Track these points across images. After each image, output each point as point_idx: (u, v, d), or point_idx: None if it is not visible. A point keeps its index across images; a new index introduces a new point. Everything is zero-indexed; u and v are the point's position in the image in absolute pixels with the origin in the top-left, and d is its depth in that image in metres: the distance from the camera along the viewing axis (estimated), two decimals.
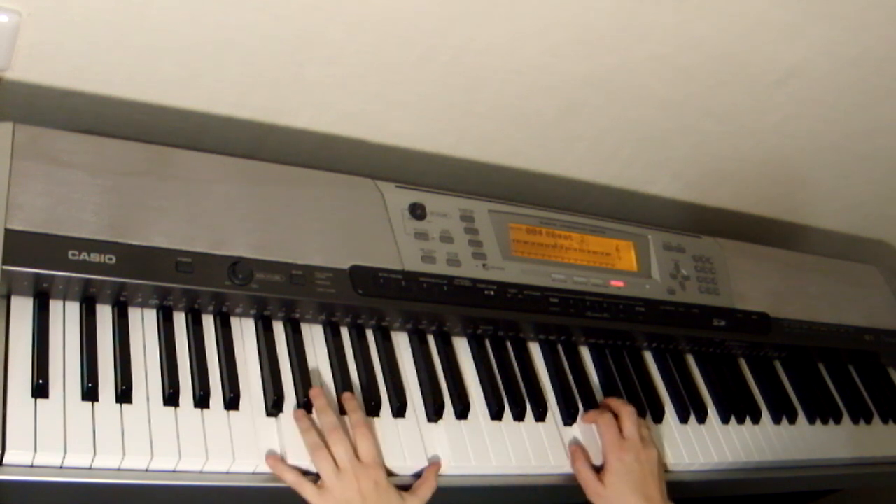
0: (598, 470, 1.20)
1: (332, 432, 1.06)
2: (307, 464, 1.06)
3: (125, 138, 1.13)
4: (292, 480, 1.03)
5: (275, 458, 1.04)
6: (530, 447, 1.21)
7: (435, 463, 1.13)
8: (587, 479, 1.18)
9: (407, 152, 1.44)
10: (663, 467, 1.24)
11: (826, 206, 1.80)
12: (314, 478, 1.04)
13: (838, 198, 1.77)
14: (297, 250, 1.14)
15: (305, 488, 1.03)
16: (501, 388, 1.25)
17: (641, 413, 1.32)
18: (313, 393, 1.10)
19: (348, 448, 1.05)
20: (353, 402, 1.12)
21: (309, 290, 1.13)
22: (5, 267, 0.98)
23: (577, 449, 1.22)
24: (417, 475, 1.12)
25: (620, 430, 1.22)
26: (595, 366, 1.37)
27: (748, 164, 1.62)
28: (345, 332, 1.21)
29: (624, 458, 1.18)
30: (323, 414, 1.08)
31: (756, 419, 1.43)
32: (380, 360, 1.20)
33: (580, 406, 1.29)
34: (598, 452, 1.23)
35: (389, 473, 1.09)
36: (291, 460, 1.05)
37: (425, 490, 1.09)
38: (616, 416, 1.24)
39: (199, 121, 1.31)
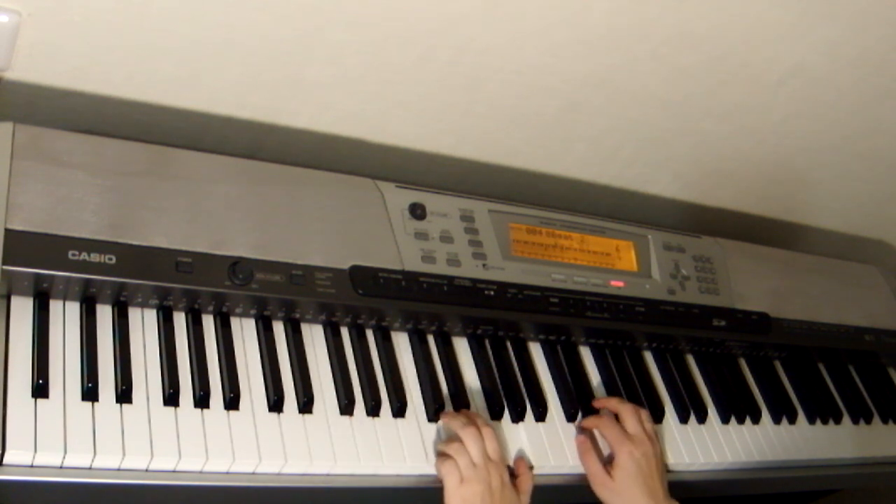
0: (605, 464, 1.22)
1: (468, 431, 1.12)
2: (306, 464, 1.06)
3: (125, 138, 1.13)
4: (441, 467, 1.10)
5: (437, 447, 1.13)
6: (530, 447, 1.21)
7: (521, 458, 1.19)
8: (596, 472, 1.21)
9: (407, 152, 1.44)
10: (665, 464, 1.26)
11: (826, 206, 1.80)
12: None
13: (838, 198, 1.77)
14: (297, 250, 1.14)
15: (452, 477, 1.09)
16: (501, 388, 1.25)
17: None
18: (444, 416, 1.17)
19: (482, 445, 1.11)
20: (474, 413, 1.19)
21: (309, 290, 1.13)
22: (5, 267, 0.97)
23: (585, 441, 1.24)
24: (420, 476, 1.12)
25: (623, 428, 1.23)
26: (595, 366, 1.37)
27: (748, 164, 1.62)
28: (345, 332, 1.20)
29: (633, 452, 1.20)
30: (455, 417, 1.15)
31: (756, 419, 1.43)
32: (380, 360, 1.20)
33: (580, 406, 1.29)
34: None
35: None
36: (291, 460, 1.05)
37: (528, 484, 1.15)
38: (618, 415, 1.25)
39: (199, 121, 1.31)
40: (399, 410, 1.16)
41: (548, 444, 1.23)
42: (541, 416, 1.25)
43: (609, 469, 1.20)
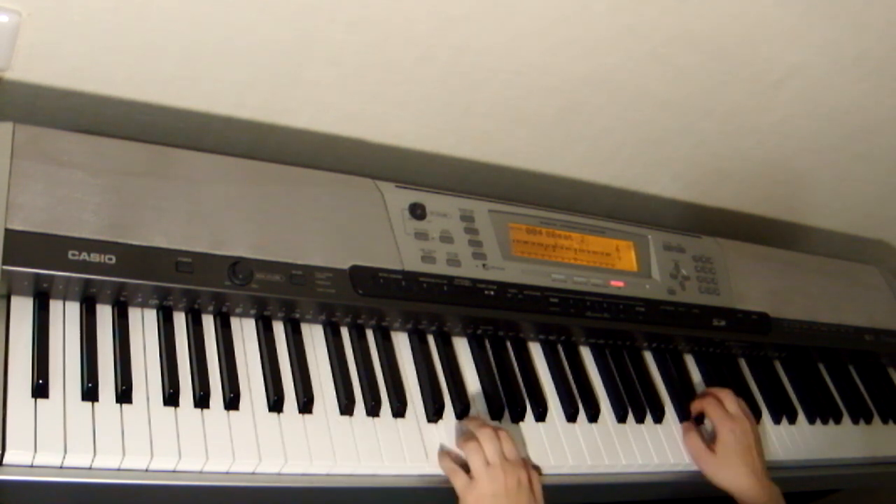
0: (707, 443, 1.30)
1: (483, 431, 1.12)
2: (306, 464, 1.06)
3: (125, 138, 1.13)
4: (447, 467, 1.11)
5: (441, 451, 1.13)
6: (530, 447, 1.21)
7: (527, 460, 1.18)
8: (699, 448, 1.29)
9: (407, 152, 1.44)
10: (761, 442, 1.33)
11: (826, 206, 1.80)
12: (466, 469, 1.11)
13: (838, 198, 1.77)
14: (297, 250, 1.14)
15: (458, 476, 1.09)
16: (501, 388, 1.25)
17: (642, 413, 1.33)
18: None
19: (498, 445, 1.11)
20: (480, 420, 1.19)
21: (309, 290, 1.13)
22: (5, 267, 0.97)
23: (689, 424, 1.33)
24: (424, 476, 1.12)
25: (725, 408, 1.31)
26: (595, 366, 1.37)
27: (748, 164, 1.62)
28: (345, 332, 1.20)
29: (735, 428, 1.28)
30: (471, 419, 1.17)
31: (756, 419, 1.42)
32: (380, 360, 1.20)
33: (580, 406, 1.29)
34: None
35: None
36: (291, 460, 1.05)
37: (537, 488, 1.14)
38: (718, 399, 1.33)
39: (199, 121, 1.31)
40: (399, 410, 1.16)
41: (548, 444, 1.23)
42: (541, 416, 1.25)
43: (712, 447, 1.28)
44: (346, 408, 1.13)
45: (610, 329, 1.35)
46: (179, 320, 1.11)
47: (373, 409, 1.14)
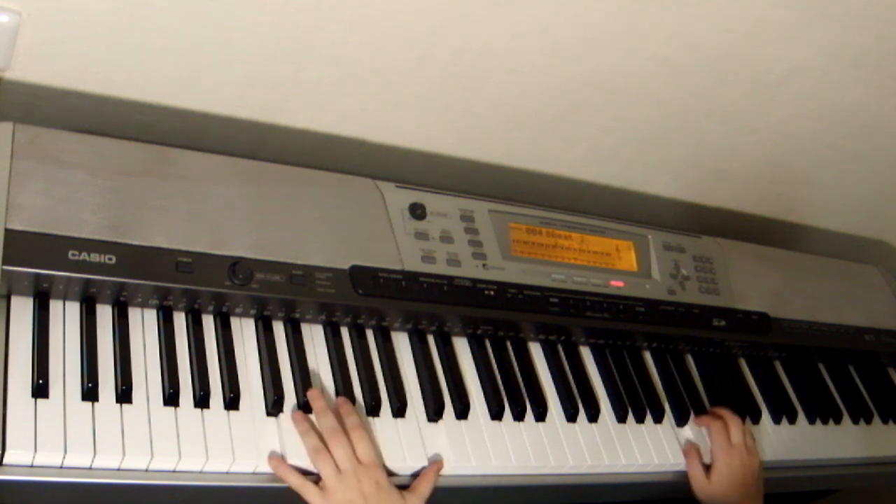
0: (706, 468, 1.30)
1: (332, 434, 1.06)
2: (307, 463, 1.06)
3: (125, 138, 1.13)
4: (295, 482, 1.03)
5: (277, 459, 1.04)
6: (530, 447, 1.21)
7: (437, 462, 1.13)
8: (697, 475, 1.28)
9: (407, 152, 1.44)
10: (763, 476, 1.31)
11: (826, 206, 1.80)
12: (316, 479, 1.05)
13: (838, 198, 1.77)
14: (297, 250, 1.14)
15: (309, 490, 1.03)
16: (501, 388, 1.25)
17: (642, 413, 1.33)
18: (311, 395, 1.10)
19: (348, 450, 1.05)
20: (348, 405, 1.12)
21: (309, 290, 1.13)
22: (5, 267, 0.98)
23: (692, 447, 1.31)
24: (416, 475, 1.12)
25: (728, 437, 1.30)
26: (595, 366, 1.37)
27: (748, 164, 1.62)
28: (345, 332, 1.20)
29: (731, 461, 1.28)
30: (322, 416, 1.09)
31: (756, 419, 1.43)
32: (380, 360, 1.20)
33: (580, 406, 1.29)
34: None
35: (389, 473, 1.09)
36: (291, 460, 1.05)
37: (424, 487, 1.09)
38: (725, 424, 1.32)
39: (199, 121, 1.31)
40: (399, 410, 1.16)
41: (548, 444, 1.23)
42: (541, 416, 1.25)
43: (709, 474, 1.28)
44: None
45: (610, 329, 1.35)
46: (179, 320, 1.11)
47: (373, 409, 1.14)
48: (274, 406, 1.09)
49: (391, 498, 1.05)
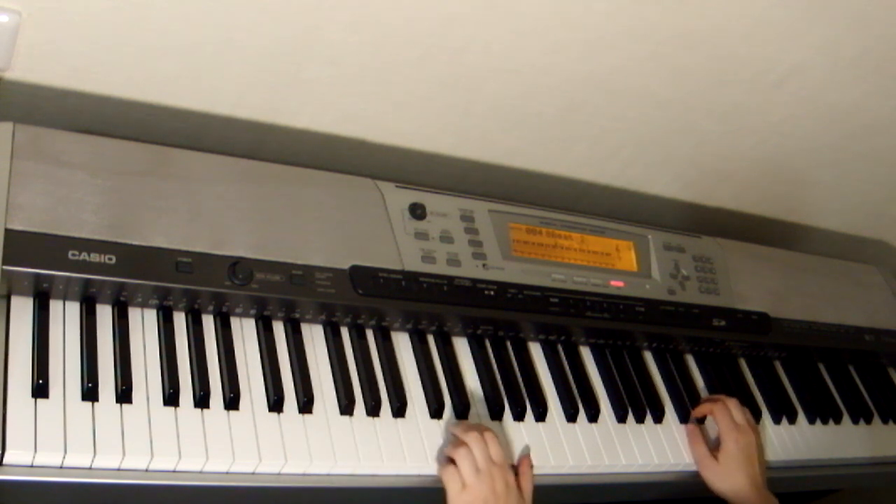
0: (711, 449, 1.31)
1: (470, 435, 1.12)
2: (306, 464, 1.06)
3: (125, 138, 1.13)
4: (445, 472, 1.10)
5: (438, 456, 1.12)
6: (530, 447, 1.21)
7: (525, 457, 1.19)
8: (702, 454, 1.30)
9: (407, 152, 1.44)
10: (764, 453, 1.34)
11: (826, 206, 1.80)
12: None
13: (838, 198, 1.77)
14: (297, 250, 1.14)
15: (454, 482, 1.09)
16: (501, 388, 1.25)
17: (642, 413, 1.33)
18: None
19: (486, 450, 1.11)
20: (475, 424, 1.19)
21: (309, 290, 1.13)
22: (5, 267, 0.97)
23: (694, 429, 1.33)
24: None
25: (732, 418, 1.32)
26: (595, 366, 1.37)
27: (748, 164, 1.62)
28: (345, 332, 1.20)
29: (739, 440, 1.30)
30: (458, 423, 1.17)
31: (756, 419, 1.42)
32: (380, 360, 1.20)
33: (580, 406, 1.29)
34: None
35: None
36: (291, 460, 1.05)
37: (528, 485, 1.15)
38: (726, 406, 1.34)
39: (199, 121, 1.31)
40: (399, 410, 1.16)
41: (548, 444, 1.23)
42: (541, 416, 1.25)
43: (715, 453, 1.29)
44: (346, 408, 1.13)
45: (610, 329, 1.35)
46: (179, 320, 1.11)
47: (373, 409, 1.14)
48: (274, 406, 1.08)
49: (517, 498, 1.12)
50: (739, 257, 1.53)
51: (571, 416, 1.28)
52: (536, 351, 1.34)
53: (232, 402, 1.06)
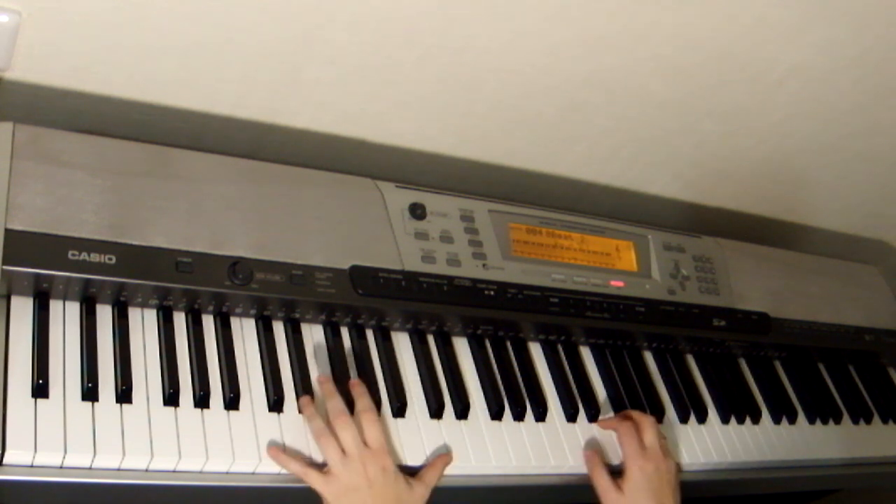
0: (613, 474, 1.20)
1: (339, 417, 1.05)
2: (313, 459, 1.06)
3: (125, 138, 1.13)
4: (296, 469, 1.03)
5: (276, 448, 1.04)
6: (530, 447, 1.21)
7: (446, 454, 1.13)
8: (605, 487, 1.18)
9: (407, 152, 1.44)
10: (680, 478, 1.23)
11: (826, 206, 1.80)
12: (319, 465, 1.04)
13: (838, 198, 1.77)
14: (297, 250, 1.14)
15: (311, 475, 1.02)
16: (501, 388, 1.25)
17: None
18: (321, 379, 1.11)
19: (355, 434, 1.04)
20: (360, 387, 1.12)
21: (309, 290, 1.13)
22: (5, 267, 0.98)
23: (593, 455, 1.22)
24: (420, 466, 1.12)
25: (641, 440, 1.22)
26: (595, 366, 1.37)
27: (748, 164, 1.62)
28: (345, 332, 1.20)
29: (645, 467, 1.18)
30: (330, 399, 1.08)
31: (756, 419, 1.43)
32: (380, 360, 1.20)
33: (580, 406, 1.29)
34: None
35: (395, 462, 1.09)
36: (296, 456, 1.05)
37: (432, 476, 1.08)
38: (637, 426, 1.24)
39: (199, 121, 1.31)
40: (399, 410, 1.16)
41: (548, 444, 1.23)
42: (541, 416, 1.25)
43: (619, 483, 1.18)
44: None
45: (610, 329, 1.35)
46: (179, 320, 1.11)
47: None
48: (274, 406, 1.08)
49: (398, 484, 1.04)
50: (739, 257, 1.53)
51: (571, 416, 1.28)
52: (536, 351, 1.34)
53: (232, 402, 1.06)
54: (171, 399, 1.03)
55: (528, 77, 1.33)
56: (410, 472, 1.11)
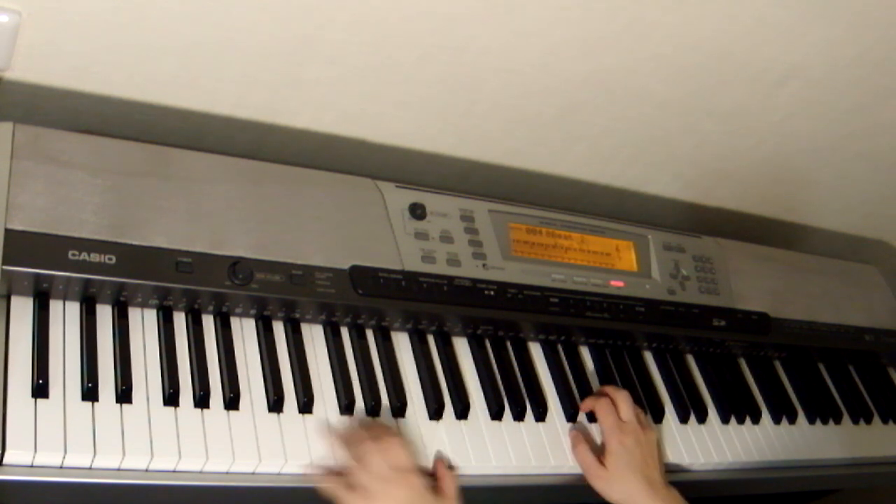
0: (598, 454, 1.21)
1: (366, 443, 1.06)
2: (307, 463, 1.06)
3: (125, 138, 1.13)
4: (334, 489, 1.03)
5: (316, 467, 1.05)
6: (530, 447, 1.21)
7: (439, 459, 1.13)
8: (589, 463, 1.20)
9: (407, 152, 1.44)
10: (661, 449, 1.25)
11: (826, 206, 1.80)
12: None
13: (838, 198, 1.77)
14: (297, 250, 1.14)
15: (348, 499, 1.02)
16: (501, 387, 1.25)
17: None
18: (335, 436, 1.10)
19: (384, 457, 1.05)
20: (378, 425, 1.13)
21: (309, 290, 1.13)
22: (5, 267, 0.98)
23: (577, 434, 1.23)
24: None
25: (618, 415, 1.23)
26: (595, 366, 1.37)
27: (748, 164, 1.62)
28: (345, 332, 1.20)
29: (625, 440, 1.20)
30: (353, 429, 1.10)
31: (756, 419, 1.43)
32: (380, 360, 1.20)
33: (580, 406, 1.29)
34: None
35: None
36: (292, 460, 1.05)
37: (450, 487, 1.09)
38: (613, 402, 1.25)
39: (199, 121, 1.31)
40: (399, 410, 1.16)
41: (548, 444, 1.23)
42: (541, 416, 1.25)
43: (602, 459, 1.20)
44: (346, 408, 1.13)
45: (610, 329, 1.35)
46: (179, 320, 1.11)
47: (373, 409, 1.14)
48: (274, 406, 1.08)
49: (433, 502, 1.05)
50: (739, 257, 1.53)
51: (571, 416, 1.28)
52: (536, 351, 1.34)
53: (232, 402, 1.06)
54: (171, 399, 1.03)
55: (528, 77, 1.33)
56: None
